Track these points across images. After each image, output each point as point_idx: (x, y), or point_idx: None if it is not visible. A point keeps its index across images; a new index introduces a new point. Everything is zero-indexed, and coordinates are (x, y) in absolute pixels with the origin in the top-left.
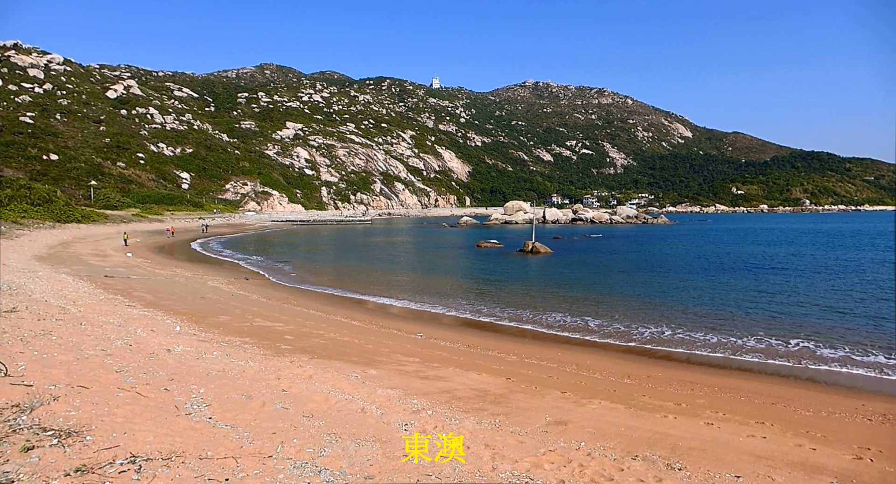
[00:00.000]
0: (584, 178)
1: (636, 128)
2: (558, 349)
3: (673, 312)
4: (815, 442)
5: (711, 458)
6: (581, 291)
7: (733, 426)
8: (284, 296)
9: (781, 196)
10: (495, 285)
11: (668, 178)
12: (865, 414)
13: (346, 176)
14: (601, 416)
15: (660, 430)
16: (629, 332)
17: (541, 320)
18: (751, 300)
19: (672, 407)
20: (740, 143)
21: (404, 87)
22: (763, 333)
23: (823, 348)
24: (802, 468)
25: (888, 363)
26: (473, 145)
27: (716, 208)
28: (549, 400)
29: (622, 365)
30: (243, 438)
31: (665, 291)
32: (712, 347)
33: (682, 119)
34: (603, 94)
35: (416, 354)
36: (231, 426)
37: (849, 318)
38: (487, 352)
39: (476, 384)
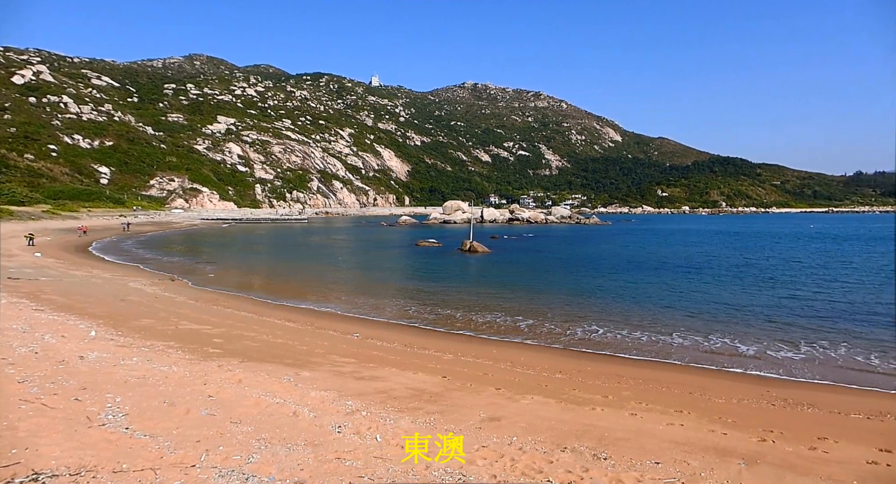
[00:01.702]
0: (521, 178)
1: (570, 131)
2: (494, 347)
3: (603, 308)
4: (727, 427)
5: (635, 446)
6: (517, 289)
7: (655, 416)
8: (214, 297)
9: (701, 198)
10: (434, 284)
11: (600, 180)
12: (770, 399)
13: (282, 173)
14: (534, 411)
15: (588, 422)
16: (562, 328)
17: (477, 318)
18: (673, 298)
19: (600, 400)
20: (665, 147)
21: (343, 83)
22: (684, 329)
23: (737, 342)
24: (715, 452)
25: (791, 355)
26: (413, 145)
27: (643, 209)
28: (485, 397)
29: (555, 360)
30: (164, 447)
31: (596, 289)
32: (639, 341)
33: (612, 124)
34: (539, 97)
35: (352, 355)
36: (151, 436)
37: (757, 314)
38: (424, 351)
39: (412, 383)
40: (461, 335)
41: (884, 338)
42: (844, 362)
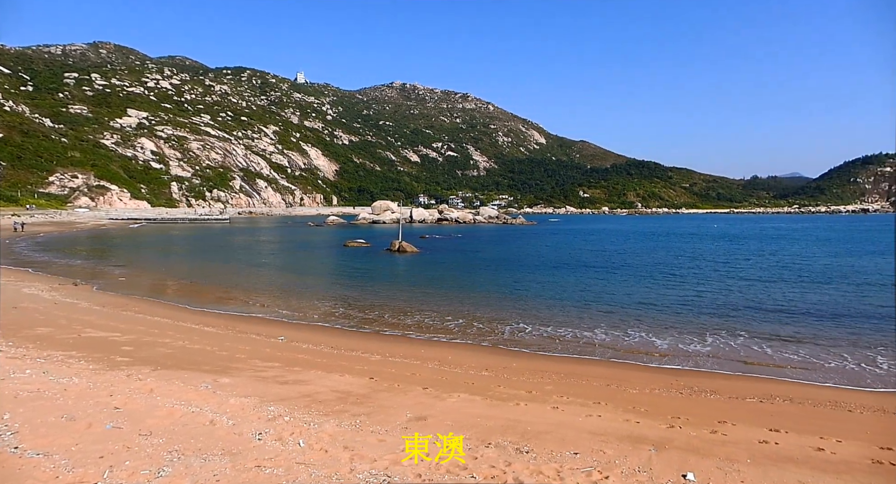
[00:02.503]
0: (450, 179)
1: (497, 133)
2: (422, 346)
3: (530, 306)
4: (640, 416)
5: (556, 439)
6: (446, 288)
7: (575, 408)
8: (124, 302)
9: (619, 199)
10: (362, 285)
11: (526, 181)
12: (679, 388)
13: (201, 171)
14: (460, 408)
15: (513, 417)
16: (491, 326)
17: (407, 319)
18: (594, 296)
19: (524, 395)
20: (586, 150)
21: (266, 79)
22: (605, 325)
23: (652, 336)
24: (629, 440)
25: (698, 347)
26: (341, 144)
27: (566, 210)
28: (412, 396)
29: (482, 358)
30: (61, 466)
31: (522, 288)
32: (563, 337)
33: (537, 126)
34: (467, 99)
35: (276, 359)
36: (45, 454)
37: (669, 309)
38: (352, 352)
39: (339, 386)
40: (390, 336)
41: (775, 329)
42: (743, 352)
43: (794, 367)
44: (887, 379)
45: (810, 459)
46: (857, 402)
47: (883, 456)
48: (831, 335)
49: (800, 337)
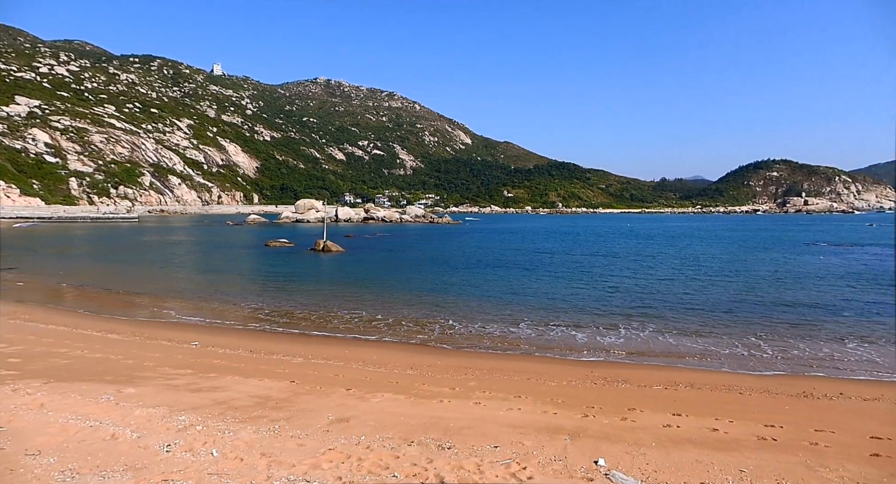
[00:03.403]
0: (376, 177)
1: (424, 132)
2: (346, 347)
3: (458, 304)
4: (557, 407)
5: (477, 433)
6: (373, 287)
7: (497, 403)
8: (11, 309)
9: (542, 199)
10: (285, 285)
11: (452, 180)
12: (593, 379)
13: (106, 166)
14: (384, 408)
15: (436, 414)
16: (420, 324)
17: (332, 319)
18: (518, 292)
19: (448, 392)
20: (510, 151)
21: (179, 70)
22: (529, 320)
23: (573, 330)
24: (546, 430)
25: (612, 339)
26: (262, 140)
27: (491, 209)
28: (335, 398)
29: (406, 357)
30: None
31: (450, 286)
32: (491, 334)
33: (463, 127)
34: (393, 97)
35: (188, 366)
36: None
37: (588, 304)
38: (272, 356)
39: (257, 391)
40: (314, 337)
41: (678, 320)
42: (651, 343)
43: (693, 355)
44: (771, 363)
45: (706, 440)
46: (747, 385)
47: (767, 433)
48: (725, 325)
49: (699, 327)
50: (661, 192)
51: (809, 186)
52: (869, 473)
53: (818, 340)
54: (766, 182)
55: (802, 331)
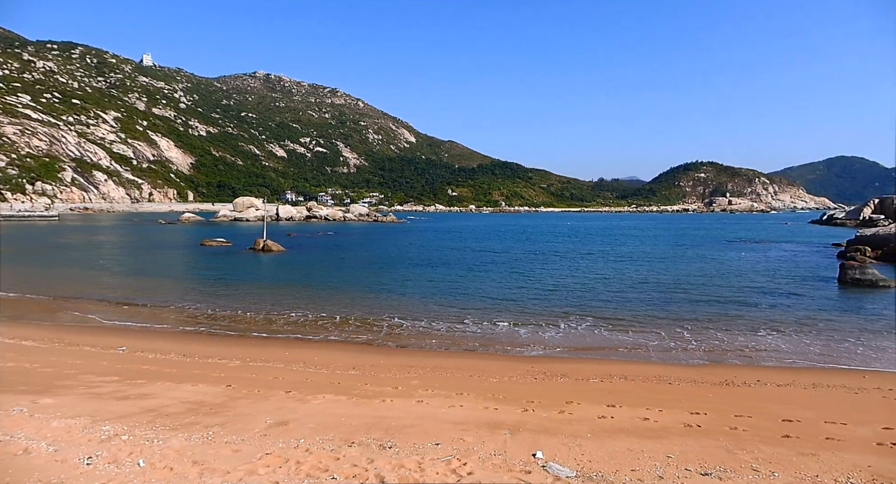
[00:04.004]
0: (319, 175)
1: (367, 130)
2: (286, 348)
3: (400, 302)
4: (498, 403)
5: (419, 431)
6: (316, 287)
7: (439, 400)
8: None
9: (485, 198)
10: (222, 286)
11: (396, 178)
12: (533, 374)
13: (20, 160)
14: (325, 409)
15: (378, 414)
16: (364, 323)
17: (270, 320)
18: (463, 290)
19: (391, 391)
20: (455, 150)
21: (105, 59)
22: (473, 318)
23: (515, 327)
24: (487, 426)
25: (552, 334)
26: (197, 135)
27: (436, 208)
28: (273, 402)
29: (349, 357)
30: None
31: (395, 284)
32: (433, 332)
33: (407, 125)
34: (336, 94)
35: (115, 372)
36: None
37: (531, 301)
38: (207, 359)
39: (190, 396)
40: (253, 339)
41: (613, 315)
42: (588, 338)
43: (627, 349)
44: (696, 354)
45: (638, 429)
46: (675, 375)
47: (692, 420)
48: (656, 319)
49: (632, 322)
50: (599, 191)
51: (733, 187)
52: (780, 453)
53: (736, 331)
54: (695, 183)
55: (723, 323)
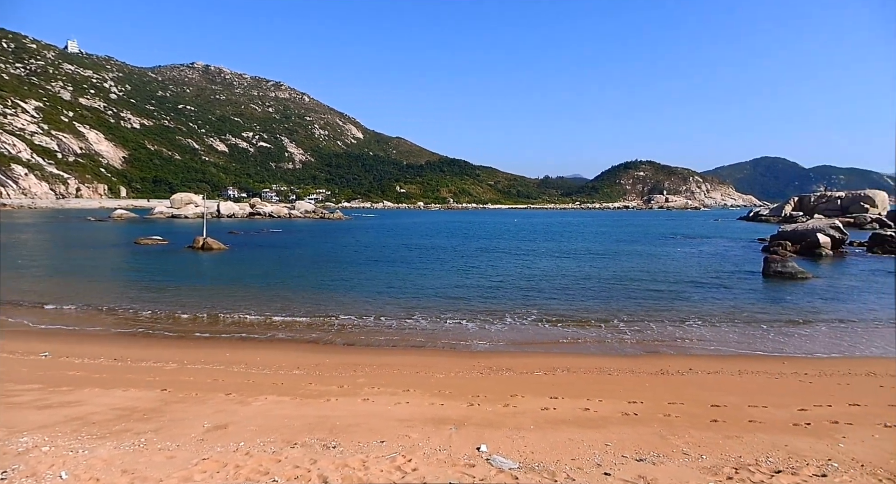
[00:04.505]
0: (263, 171)
1: (313, 125)
2: (227, 349)
3: (347, 299)
4: (445, 398)
5: (365, 430)
6: (260, 286)
7: (385, 398)
8: None
9: (434, 195)
10: (157, 286)
11: (344, 175)
12: (480, 369)
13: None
14: (267, 411)
15: (322, 414)
16: (308, 323)
17: (210, 321)
18: (410, 286)
19: (336, 390)
20: (402, 147)
21: (24, 44)
22: (421, 315)
23: (462, 323)
24: (433, 422)
25: (498, 326)
26: (130, 127)
27: (384, 205)
28: (212, 405)
29: (294, 357)
30: None
31: (342, 281)
32: (380, 329)
33: (354, 121)
34: (280, 87)
35: (36, 380)
36: None
37: (476, 297)
38: (141, 363)
39: (121, 403)
40: (191, 340)
41: (556, 309)
42: (532, 331)
43: (570, 341)
44: (634, 345)
45: (579, 419)
46: (615, 366)
47: (630, 409)
48: (597, 312)
49: (574, 315)
50: (544, 189)
51: (669, 185)
52: (709, 437)
53: (670, 323)
54: (635, 181)
55: (659, 315)
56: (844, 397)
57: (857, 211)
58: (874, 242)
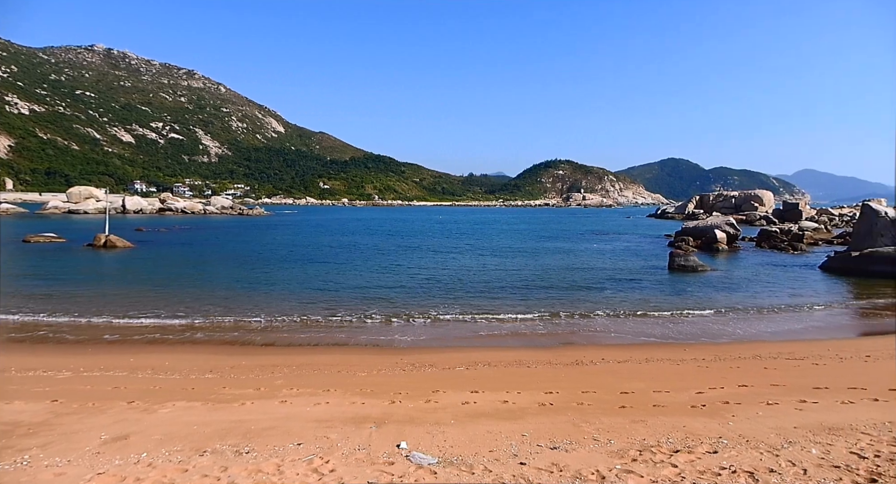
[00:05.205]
0: (175, 164)
1: (231, 117)
2: (132, 354)
3: (267, 298)
4: (366, 396)
5: (281, 433)
6: (171, 286)
7: (304, 399)
8: None
9: (358, 191)
10: (50, 287)
11: (264, 170)
12: (402, 366)
13: None
14: (174, 418)
15: (236, 418)
16: (223, 323)
17: (113, 325)
18: (335, 286)
19: (252, 393)
20: (326, 142)
21: None
22: (344, 313)
23: (385, 321)
24: (353, 421)
25: (421, 321)
26: (17, 113)
27: (307, 201)
28: (111, 415)
29: (207, 359)
30: None
31: (260, 281)
32: (300, 329)
33: (275, 114)
34: (193, 76)
35: None
36: None
37: (402, 297)
38: (28, 373)
39: (2, 417)
40: (89, 344)
41: (476, 303)
42: (456, 327)
43: (491, 336)
44: (551, 338)
45: (498, 411)
46: (534, 359)
47: (546, 399)
48: (516, 306)
49: (496, 310)
50: (469, 186)
51: (587, 184)
52: (617, 422)
53: (586, 315)
54: (555, 179)
55: (575, 308)
56: (735, 379)
57: (748, 209)
58: (762, 237)
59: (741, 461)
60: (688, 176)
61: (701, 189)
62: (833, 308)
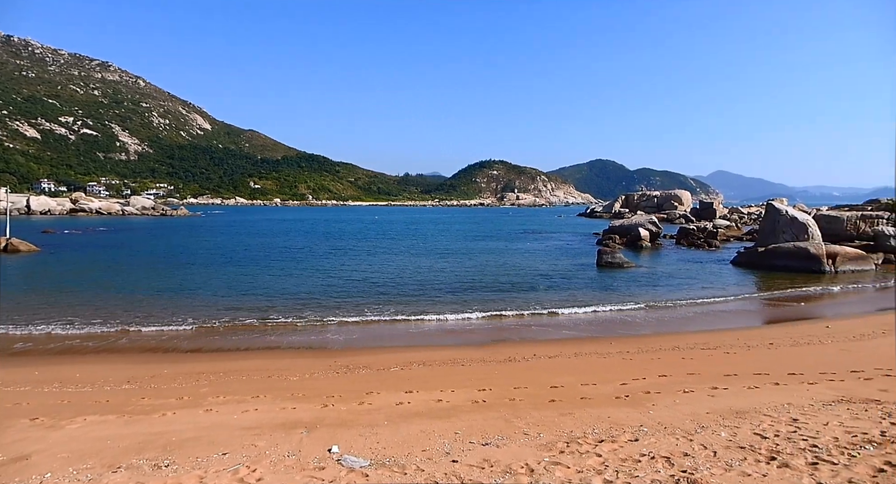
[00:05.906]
0: (89, 162)
1: (151, 113)
2: (36, 367)
3: (191, 303)
4: (297, 401)
5: (205, 443)
6: (83, 292)
7: (231, 407)
8: None
9: (291, 191)
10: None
11: (189, 168)
12: (336, 368)
13: None
14: (84, 434)
15: (155, 430)
16: (142, 331)
17: (14, 336)
18: (264, 289)
19: (174, 403)
20: (256, 140)
21: None
22: (273, 316)
23: (321, 322)
24: (283, 427)
25: (356, 318)
26: None
27: (237, 201)
28: (11, 434)
29: (124, 369)
30: None
31: (184, 286)
32: (227, 334)
33: (200, 110)
34: (108, 68)
35: None
36: None
37: (334, 299)
38: None
39: None
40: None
41: (415, 305)
42: (389, 328)
43: (425, 335)
44: (485, 335)
45: (431, 410)
46: (467, 357)
47: (479, 396)
48: (452, 305)
49: (430, 310)
50: (405, 186)
51: (520, 184)
52: (547, 416)
53: (519, 312)
54: (489, 179)
55: (508, 305)
56: (656, 370)
57: (669, 208)
58: (681, 235)
59: (659, 447)
60: (614, 176)
61: (626, 189)
62: (742, 300)
